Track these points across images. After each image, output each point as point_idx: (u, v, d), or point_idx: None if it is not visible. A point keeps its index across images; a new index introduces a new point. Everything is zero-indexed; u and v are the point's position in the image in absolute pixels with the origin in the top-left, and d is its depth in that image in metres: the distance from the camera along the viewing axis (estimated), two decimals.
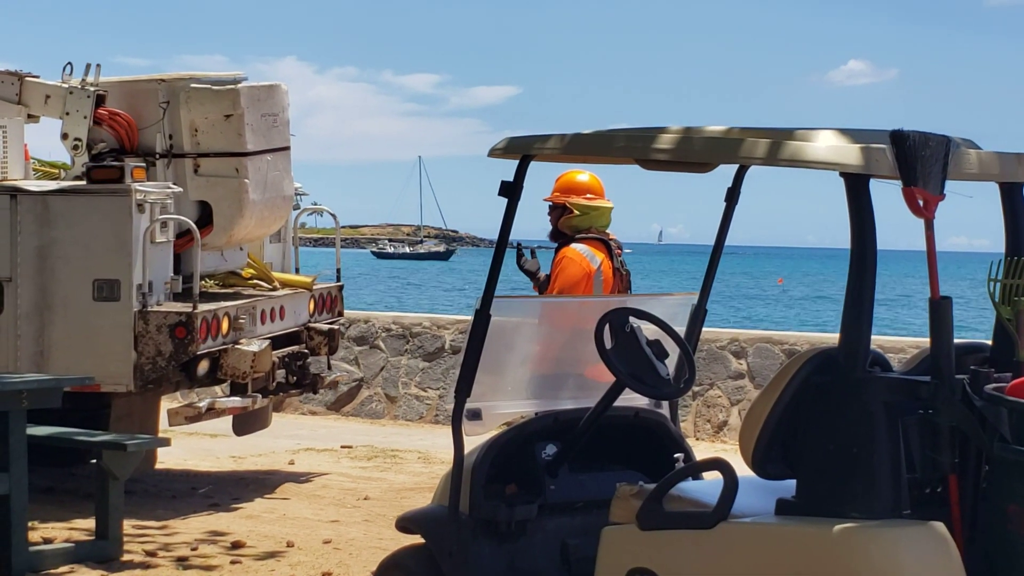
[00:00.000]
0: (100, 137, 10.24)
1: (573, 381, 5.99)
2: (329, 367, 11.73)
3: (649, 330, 5.51)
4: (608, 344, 5.36)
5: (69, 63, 10.30)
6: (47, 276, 9.68)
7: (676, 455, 5.50)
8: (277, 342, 10.56)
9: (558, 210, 8.10)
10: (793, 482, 4.75)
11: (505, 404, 5.78)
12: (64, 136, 10.19)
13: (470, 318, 5.44)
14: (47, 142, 10.62)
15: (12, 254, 9.68)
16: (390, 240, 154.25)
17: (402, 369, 14.92)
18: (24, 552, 7.86)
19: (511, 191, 5.33)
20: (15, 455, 7.80)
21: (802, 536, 4.58)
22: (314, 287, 11.28)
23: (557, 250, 8.02)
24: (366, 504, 10.25)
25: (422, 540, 5.66)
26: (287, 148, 10.76)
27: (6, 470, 7.77)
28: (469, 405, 5.44)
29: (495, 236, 5.52)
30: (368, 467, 11.90)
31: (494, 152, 5.40)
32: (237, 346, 10.01)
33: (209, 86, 10.32)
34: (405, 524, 5.73)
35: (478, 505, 5.45)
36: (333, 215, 12.01)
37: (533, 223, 8.29)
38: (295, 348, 10.92)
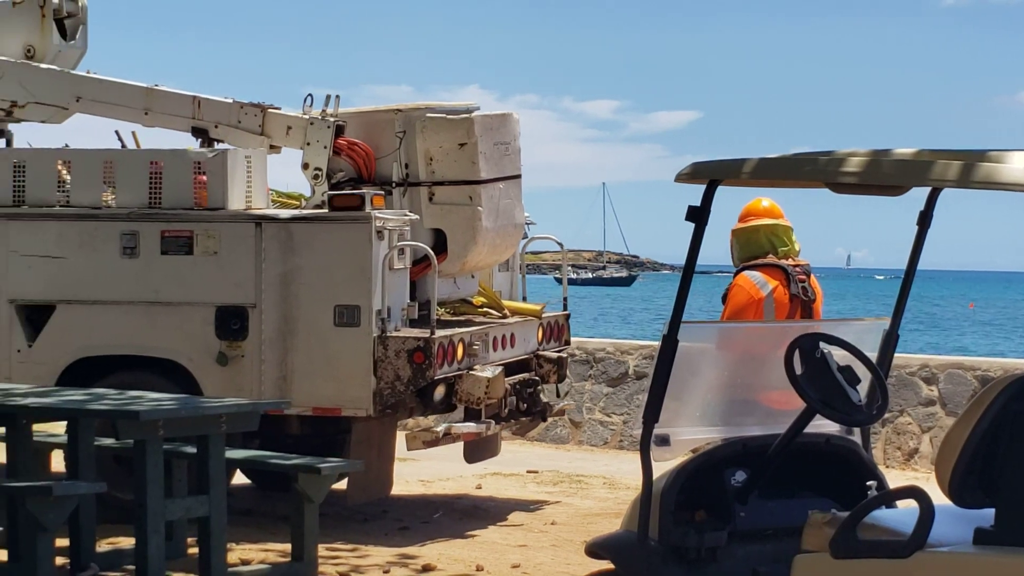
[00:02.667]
0: (339, 167, 10.45)
1: (762, 407, 5.97)
2: (558, 395, 11.79)
3: (840, 355, 5.48)
4: (798, 370, 5.35)
5: (310, 95, 10.56)
6: (290, 302, 9.88)
7: (869, 483, 5.40)
8: (508, 369, 10.64)
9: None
10: (991, 511, 4.71)
11: (693, 430, 5.78)
12: (305, 166, 10.41)
13: (654, 343, 5.54)
14: (283, 173, 10.84)
15: (257, 281, 9.91)
16: (573, 266, 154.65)
17: (586, 394, 14.92)
18: (223, 573, 7.99)
19: (698, 216, 5.34)
20: (214, 478, 7.96)
21: (1003, 566, 4.55)
22: (543, 315, 11.35)
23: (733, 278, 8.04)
24: (553, 529, 10.30)
25: (611, 566, 5.67)
26: (518, 176, 10.87)
27: (206, 492, 7.94)
28: (657, 431, 5.47)
29: (676, 261, 5.70)
30: (554, 492, 11.98)
31: (681, 177, 5.41)
32: (472, 372, 10.11)
33: (444, 115, 10.47)
34: (594, 549, 5.73)
35: (667, 531, 5.43)
36: (559, 243, 12.08)
37: (717, 248, 8.31)
38: (525, 376, 10.99)
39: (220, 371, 9.95)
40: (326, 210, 9.94)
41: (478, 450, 11.10)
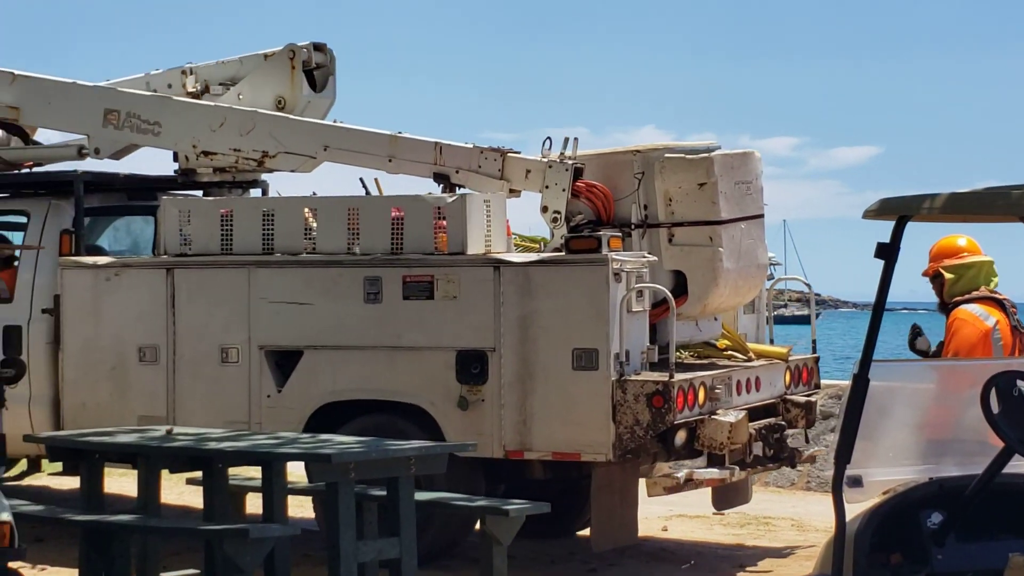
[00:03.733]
0: (578, 209, 10.40)
1: (957, 446, 5.90)
2: (807, 440, 11.50)
3: None
4: (995, 408, 5.28)
5: (548, 138, 10.54)
6: (528, 346, 9.85)
7: None
8: (753, 414, 10.42)
9: (938, 280, 8.04)
10: None
11: (886, 470, 5.72)
12: (544, 209, 10.40)
13: (838, 382, 5.55)
14: (526, 216, 10.83)
15: (496, 324, 9.91)
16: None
17: None
18: None
19: (888, 253, 5.33)
20: (405, 520, 8.10)
21: None
22: (789, 358, 11.09)
23: (947, 315, 7.87)
24: (742, 573, 10.14)
25: None
26: (761, 216, 10.66)
27: (396, 535, 8.06)
28: (849, 472, 5.43)
29: (859, 298, 5.60)
30: (741, 534, 11.77)
31: (868, 213, 5.44)
32: (714, 416, 9.93)
33: (683, 155, 10.34)
34: None
35: (862, 575, 5.37)
36: (807, 284, 11.81)
37: (903, 285, 8.14)
38: (772, 420, 10.74)
39: (461, 415, 9.98)
40: (563, 253, 9.91)
41: (727, 497, 10.91)
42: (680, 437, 9.82)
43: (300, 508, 11.81)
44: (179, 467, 8.79)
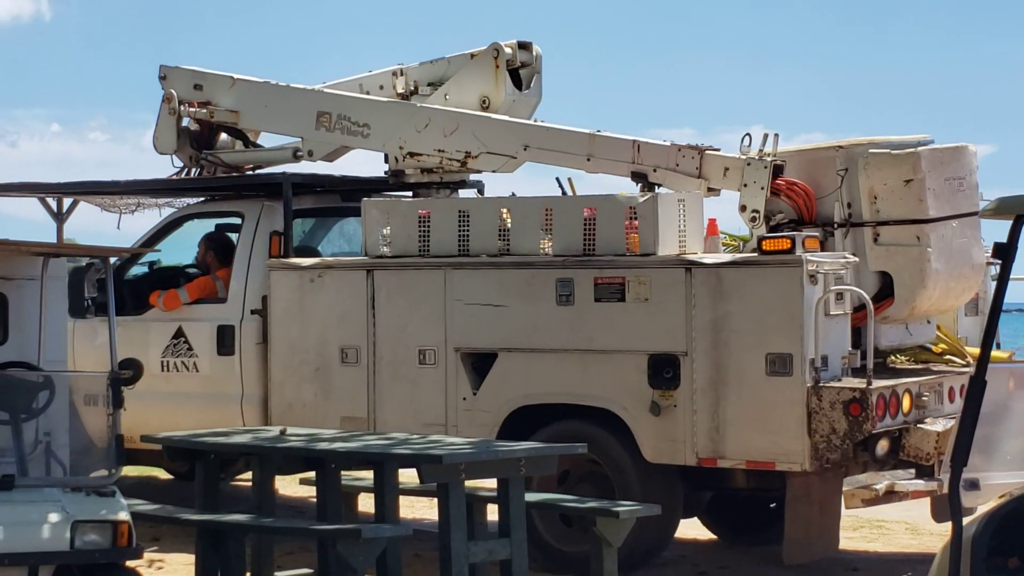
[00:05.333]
0: (778, 208, 10.03)
1: None
2: None
3: None
4: None
5: (747, 134, 10.18)
6: (721, 350, 9.54)
7: None
8: None
9: None
10: None
11: (1004, 474, 5.69)
12: (742, 208, 10.05)
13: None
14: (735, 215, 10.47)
15: (687, 328, 9.63)
16: None
17: None
18: None
19: (1005, 252, 5.36)
20: (515, 521, 8.15)
21: None
22: (1013, 362, 10.48)
23: None
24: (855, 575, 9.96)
25: None
26: (975, 214, 10.09)
27: (507, 535, 8.12)
28: (966, 475, 5.41)
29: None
30: (854, 537, 11.44)
31: (986, 213, 5.49)
32: (920, 425, 9.46)
33: (888, 151, 9.86)
34: None
35: None
36: None
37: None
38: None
39: (653, 421, 9.73)
40: (756, 254, 9.56)
41: (946, 509, 10.36)
42: (882, 447, 9.39)
43: (411, 509, 11.98)
44: (293, 468, 8.88)
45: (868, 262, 9.91)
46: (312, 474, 8.85)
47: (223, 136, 12.68)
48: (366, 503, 9.16)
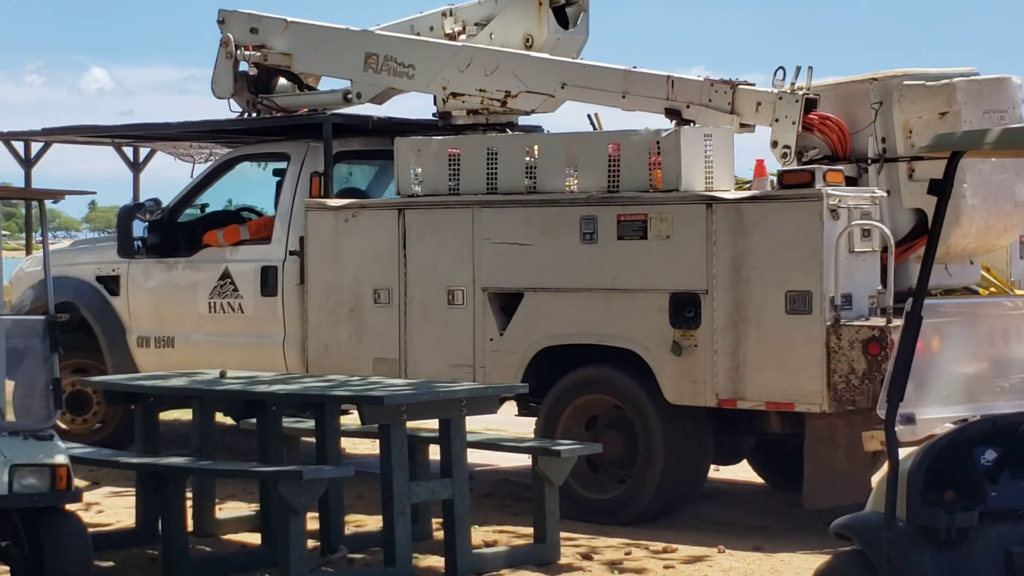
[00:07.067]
0: (811, 144, 9.67)
1: (1012, 383, 5.95)
2: None
3: None
4: None
5: (781, 67, 9.82)
6: (741, 288, 9.23)
7: None
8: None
9: None
10: None
11: (939, 408, 5.74)
12: (773, 144, 9.71)
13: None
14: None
15: (708, 266, 9.33)
16: None
17: None
18: (468, 555, 8.16)
19: (941, 189, 5.40)
20: (456, 461, 8.11)
21: None
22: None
23: None
24: (795, 511, 9.83)
25: (856, 547, 5.66)
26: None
27: (449, 475, 8.08)
28: (902, 410, 5.46)
29: None
30: None
31: (922, 150, 5.55)
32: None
33: (923, 83, 9.44)
34: (839, 531, 5.75)
35: (916, 512, 5.41)
36: None
37: None
38: None
39: (674, 361, 9.45)
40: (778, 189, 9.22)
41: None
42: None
43: (354, 449, 12.09)
44: (233, 410, 8.78)
45: (902, 199, 9.51)
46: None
47: (282, 81, 12.64)
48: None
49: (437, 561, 8.34)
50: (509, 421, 11.25)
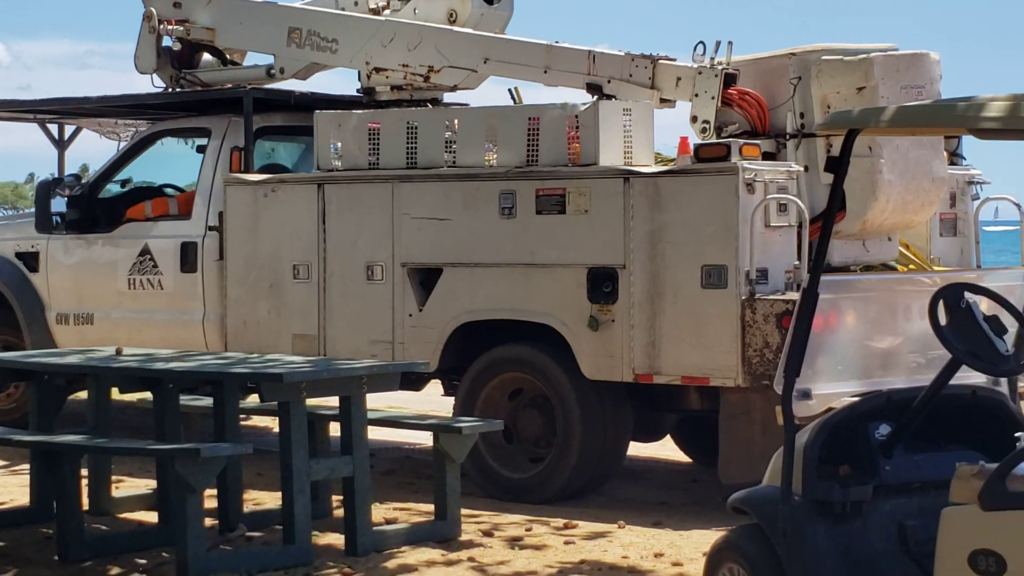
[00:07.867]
0: (731, 119, 9.64)
1: (905, 359, 6.10)
2: None
3: (985, 306, 5.47)
4: (943, 320, 5.36)
5: (701, 42, 9.79)
6: (658, 263, 9.20)
7: (1017, 434, 5.33)
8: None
9: None
10: None
11: (834, 384, 5.92)
12: (693, 119, 9.68)
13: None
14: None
15: (625, 240, 9.29)
16: None
17: None
18: (368, 532, 8.11)
19: (837, 166, 5.41)
20: (357, 438, 8.07)
21: None
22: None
23: None
24: (694, 487, 10.16)
25: (754, 521, 5.70)
26: None
27: (349, 452, 8.04)
28: (798, 385, 5.53)
29: None
30: None
31: (818, 127, 5.92)
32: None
33: (840, 57, 9.42)
34: (737, 505, 5.80)
35: (811, 486, 5.49)
36: (1017, 205, 10.61)
37: None
38: None
39: (591, 336, 9.41)
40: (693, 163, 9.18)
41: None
42: None
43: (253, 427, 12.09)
44: (129, 387, 8.69)
45: (820, 174, 9.48)
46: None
47: (206, 56, 12.51)
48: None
49: (337, 539, 8.28)
50: (442, 401, 11.10)
